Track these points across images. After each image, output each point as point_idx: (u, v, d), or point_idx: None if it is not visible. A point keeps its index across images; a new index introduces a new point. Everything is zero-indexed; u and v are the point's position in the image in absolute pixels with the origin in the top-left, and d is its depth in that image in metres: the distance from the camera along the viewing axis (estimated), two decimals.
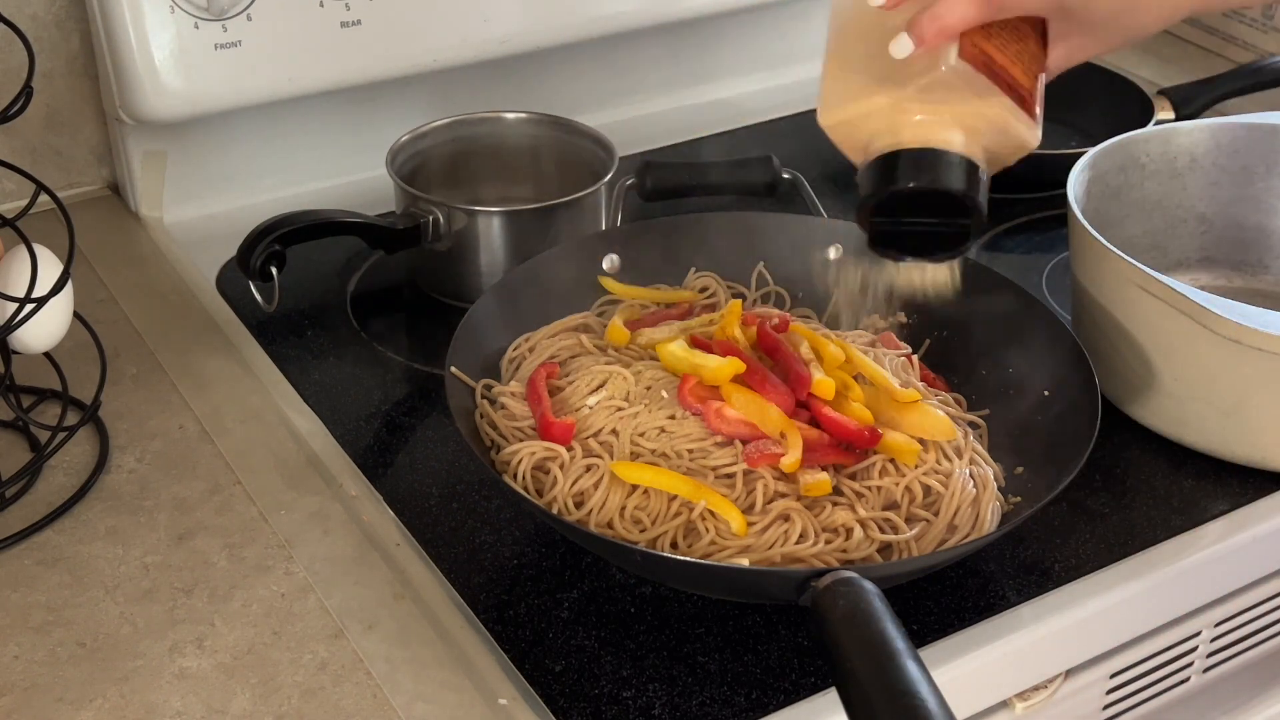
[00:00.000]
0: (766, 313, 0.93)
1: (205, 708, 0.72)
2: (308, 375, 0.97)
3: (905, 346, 0.92)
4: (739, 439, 0.81)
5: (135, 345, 0.99)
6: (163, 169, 1.14)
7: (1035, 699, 0.83)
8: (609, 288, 0.97)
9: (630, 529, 0.78)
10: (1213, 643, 0.91)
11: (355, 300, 1.06)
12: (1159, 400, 0.90)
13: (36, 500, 0.85)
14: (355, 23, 1.09)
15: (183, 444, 0.90)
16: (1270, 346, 0.82)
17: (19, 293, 0.81)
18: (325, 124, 1.18)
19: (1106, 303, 0.90)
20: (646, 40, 1.28)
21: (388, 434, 0.93)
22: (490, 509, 0.85)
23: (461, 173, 1.11)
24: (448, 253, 1.03)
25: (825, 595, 0.67)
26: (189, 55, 1.05)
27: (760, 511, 0.78)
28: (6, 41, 1.02)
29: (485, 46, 1.16)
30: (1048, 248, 1.14)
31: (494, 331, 0.91)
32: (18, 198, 1.11)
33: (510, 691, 0.73)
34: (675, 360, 0.85)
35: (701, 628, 0.78)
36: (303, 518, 0.84)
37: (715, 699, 0.73)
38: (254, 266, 0.96)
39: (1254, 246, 1.06)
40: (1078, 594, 0.81)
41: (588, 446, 0.82)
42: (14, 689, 0.73)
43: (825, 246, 0.98)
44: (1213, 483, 0.89)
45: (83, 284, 1.03)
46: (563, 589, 0.80)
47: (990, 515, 0.80)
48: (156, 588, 0.79)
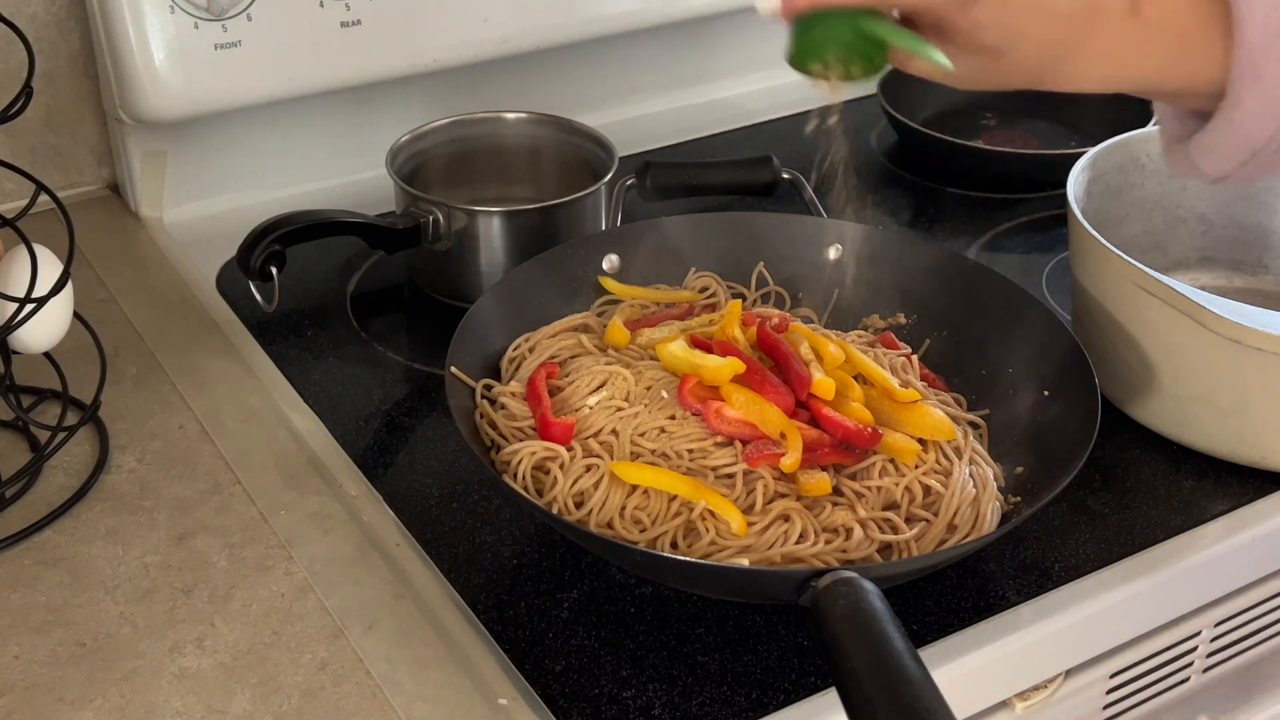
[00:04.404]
0: (766, 313, 0.93)
1: (205, 708, 0.72)
2: (308, 375, 0.97)
3: (905, 346, 0.92)
4: (739, 439, 0.81)
5: (135, 345, 0.99)
6: (163, 169, 1.14)
7: (1035, 699, 0.83)
8: (609, 288, 0.97)
9: (630, 529, 0.78)
10: (1213, 643, 0.91)
11: (355, 300, 1.06)
12: (1159, 400, 0.90)
13: (36, 500, 0.85)
14: (355, 23, 1.09)
15: (183, 444, 0.90)
16: (1270, 346, 0.82)
17: (19, 293, 0.81)
18: (325, 124, 1.18)
19: (1106, 303, 0.90)
20: (646, 40, 1.28)
21: (388, 434, 0.93)
22: (490, 509, 0.85)
23: (461, 173, 1.11)
24: (448, 253, 1.03)
25: (825, 595, 0.67)
26: (189, 55, 1.05)
27: (760, 511, 0.78)
28: (6, 41, 1.02)
29: (485, 46, 1.16)
30: (1048, 248, 1.14)
31: (494, 331, 0.91)
32: (18, 198, 1.11)
33: (510, 691, 0.73)
34: (675, 360, 0.85)
35: (701, 628, 0.78)
36: (303, 518, 0.84)
37: (715, 699, 0.73)
38: (254, 266, 0.96)
39: (1254, 246, 1.06)
40: (1078, 594, 0.81)
41: (588, 446, 0.82)
42: (14, 689, 0.73)
43: (825, 246, 0.98)
44: (1213, 483, 0.89)
45: (83, 284, 1.03)
46: (563, 589, 0.80)
47: (990, 515, 0.80)
48: (156, 588, 0.79)
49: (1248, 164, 0.67)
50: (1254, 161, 0.66)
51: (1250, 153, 0.66)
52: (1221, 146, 0.67)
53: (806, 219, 1.02)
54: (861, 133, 1.32)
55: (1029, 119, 1.31)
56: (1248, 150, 0.66)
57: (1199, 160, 0.69)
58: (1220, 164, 0.68)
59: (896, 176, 1.26)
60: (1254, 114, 0.64)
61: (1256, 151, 0.66)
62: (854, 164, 1.24)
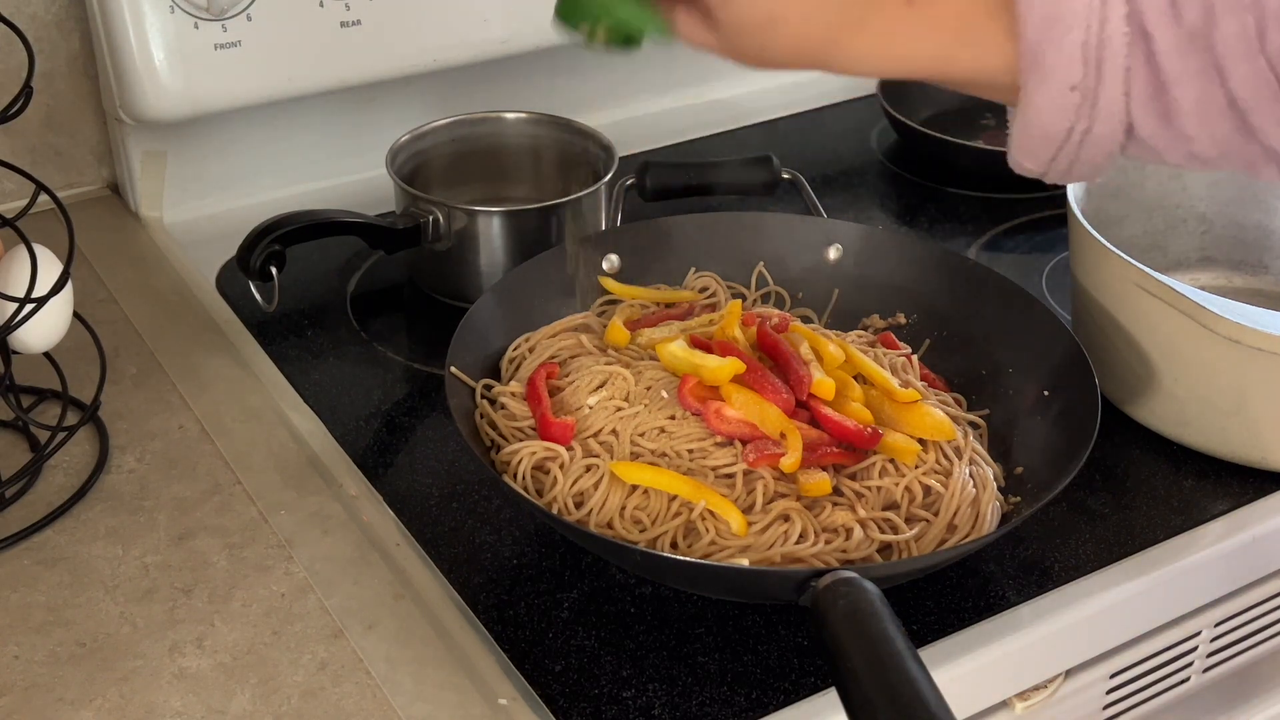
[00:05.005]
0: (766, 313, 0.93)
1: (205, 708, 0.72)
2: (308, 375, 0.97)
3: (905, 346, 0.92)
4: (739, 439, 0.81)
5: (135, 345, 0.99)
6: (163, 169, 1.14)
7: (1035, 699, 0.83)
8: (609, 288, 0.97)
9: (630, 529, 0.78)
10: (1213, 643, 0.91)
11: (355, 300, 1.06)
12: (1159, 400, 0.90)
13: (36, 500, 0.85)
14: (355, 23, 1.09)
15: (183, 444, 0.90)
16: (1270, 346, 0.82)
17: (19, 293, 0.81)
18: (325, 124, 1.18)
19: (1106, 303, 0.90)
20: None
21: (388, 434, 0.93)
22: (490, 509, 0.85)
23: (461, 173, 1.11)
24: (448, 253, 1.03)
25: (825, 595, 0.67)
26: (189, 55, 1.05)
27: (760, 511, 0.78)
28: (6, 41, 1.02)
29: (485, 46, 1.16)
30: (1048, 248, 1.14)
31: (494, 331, 0.91)
32: (18, 198, 1.11)
33: (510, 691, 0.73)
34: (675, 360, 0.85)
35: (701, 628, 0.78)
36: (303, 518, 0.84)
37: (715, 699, 0.73)
38: (254, 266, 0.96)
39: (1254, 246, 1.06)
40: (1078, 594, 0.81)
41: (588, 446, 0.82)
42: (14, 689, 0.73)
43: (825, 246, 0.98)
44: (1213, 483, 0.89)
45: (83, 284, 1.03)
46: (563, 589, 0.80)
47: (990, 515, 0.80)
48: (156, 588, 0.79)
49: (1056, 159, 0.65)
50: (1061, 157, 0.65)
51: (1054, 147, 0.64)
52: (1025, 141, 0.66)
53: (806, 219, 1.02)
54: (861, 133, 1.32)
55: None
56: (1050, 145, 0.64)
57: (1012, 157, 0.68)
58: (1030, 160, 0.67)
59: (896, 176, 1.26)
60: (1042, 106, 0.63)
61: (1060, 145, 0.64)
62: (854, 164, 1.24)
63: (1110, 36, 0.60)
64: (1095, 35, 0.60)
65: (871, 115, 1.31)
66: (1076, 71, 0.61)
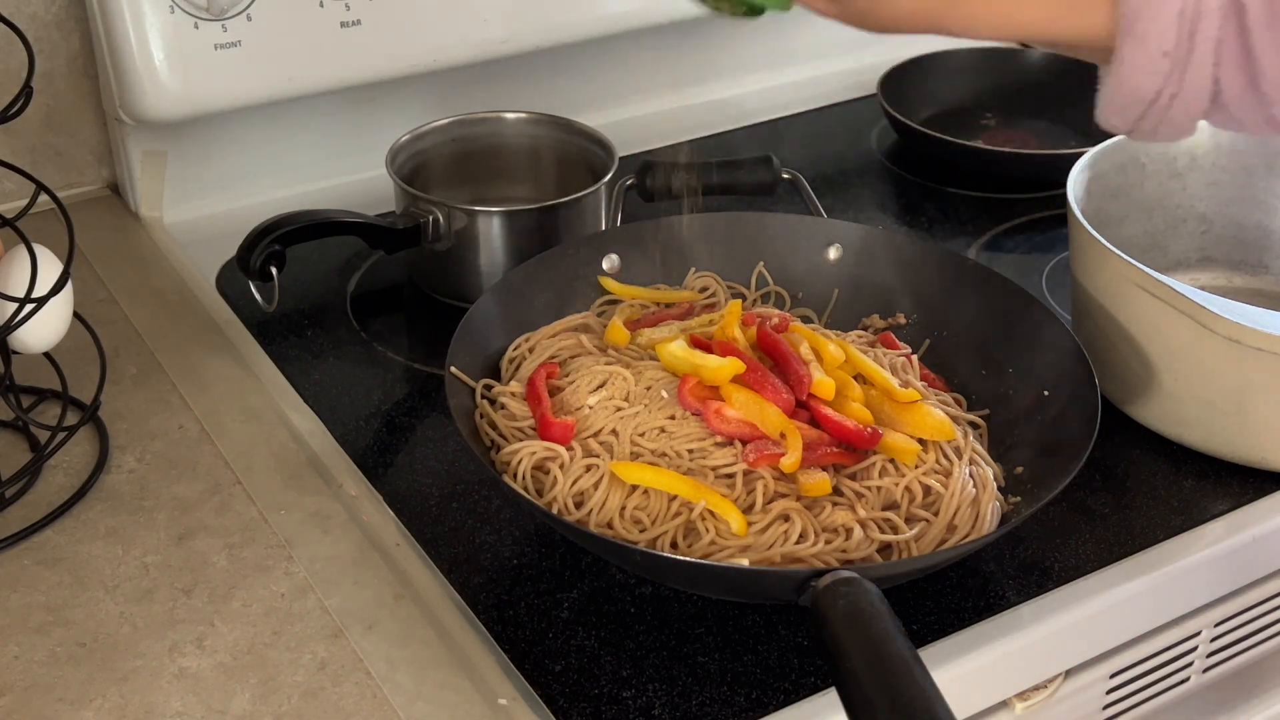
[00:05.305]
0: (766, 313, 0.93)
1: (205, 708, 0.72)
2: (308, 375, 0.97)
3: (905, 346, 0.92)
4: (739, 439, 0.81)
5: (135, 345, 0.99)
6: (163, 169, 1.14)
7: (1035, 699, 0.83)
8: (609, 288, 0.97)
9: (630, 529, 0.78)
10: (1213, 643, 0.91)
11: (355, 300, 1.06)
12: (1159, 400, 0.90)
13: (36, 500, 0.85)
14: (355, 23, 1.09)
15: (183, 444, 0.90)
16: (1270, 346, 0.82)
17: (19, 293, 0.81)
18: (325, 124, 1.18)
19: (1106, 303, 0.90)
20: (646, 40, 1.28)
21: (388, 434, 0.93)
22: (490, 509, 0.85)
23: (461, 173, 1.11)
24: (448, 253, 1.03)
25: (825, 595, 0.67)
26: (189, 55, 1.05)
27: (760, 511, 0.78)
28: (6, 41, 1.02)
29: (485, 46, 1.16)
30: (1048, 248, 1.14)
31: (494, 331, 0.91)
32: (18, 198, 1.11)
33: (510, 691, 0.73)
34: (675, 360, 0.85)
35: (701, 628, 0.78)
36: (303, 518, 0.84)
37: (715, 699, 0.73)
38: (254, 266, 0.96)
39: (1254, 246, 1.06)
40: (1078, 594, 0.81)
41: (588, 446, 0.82)
42: (14, 689, 0.73)
43: (825, 246, 0.98)
44: (1213, 483, 0.89)
45: (83, 284, 1.03)
46: (563, 589, 0.80)
47: (990, 515, 0.80)
48: (156, 588, 0.79)
49: (1143, 119, 0.69)
50: (1149, 116, 0.69)
51: (1142, 106, 0.68)
52: (1115, 100, 0.69)
53: (806, 219, 1.02)
54: (861, 133, 1.32)
55: (1029, 119, 1.31)
56: (1139, 105, 0.68)
57: (1101, 114, 0.72)
58: (1119, 118, 0.71)
59: (896, 176, 1.26)
60: (1135, 68, 0.67)
61: (1148, 106, 0.68)
62: (854, 164, 1.24)
63: (1207, 9, 0.64)
64: (1192, 7, 0.64)
65: (871, 115, 1.31)
66: (1170, 39, 0.65)
